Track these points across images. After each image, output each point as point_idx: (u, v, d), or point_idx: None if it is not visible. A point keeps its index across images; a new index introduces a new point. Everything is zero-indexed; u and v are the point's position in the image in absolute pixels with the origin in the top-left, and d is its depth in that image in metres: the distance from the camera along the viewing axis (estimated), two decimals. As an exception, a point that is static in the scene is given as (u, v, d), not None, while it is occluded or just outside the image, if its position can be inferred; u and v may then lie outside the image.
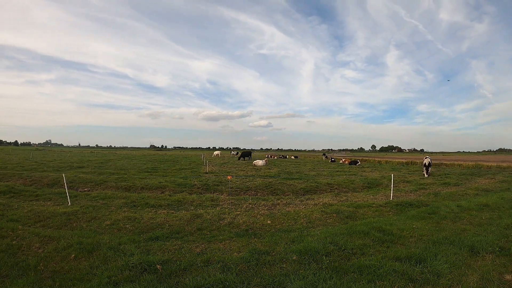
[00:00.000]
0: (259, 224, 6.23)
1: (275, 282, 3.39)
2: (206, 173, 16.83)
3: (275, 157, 47.73)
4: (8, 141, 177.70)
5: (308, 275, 3.53)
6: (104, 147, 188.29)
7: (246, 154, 31.70)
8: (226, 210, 7.48)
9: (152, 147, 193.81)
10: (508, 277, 3.45)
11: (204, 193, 10.42)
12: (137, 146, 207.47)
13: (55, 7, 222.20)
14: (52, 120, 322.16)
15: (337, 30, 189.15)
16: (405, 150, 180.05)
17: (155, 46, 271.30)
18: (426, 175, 16.80)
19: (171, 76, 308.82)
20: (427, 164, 17.39)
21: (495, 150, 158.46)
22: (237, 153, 53.61)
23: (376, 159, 41.24)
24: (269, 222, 6.40)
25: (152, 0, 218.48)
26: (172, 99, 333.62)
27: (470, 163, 28.04)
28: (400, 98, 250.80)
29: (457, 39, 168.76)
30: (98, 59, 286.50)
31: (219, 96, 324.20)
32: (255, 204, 8.39)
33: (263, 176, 15.22)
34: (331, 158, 38.44)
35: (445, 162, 30.47)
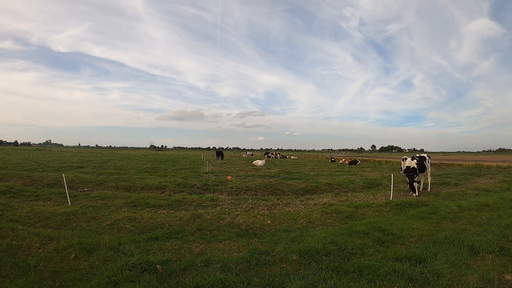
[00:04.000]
0: (259, 224, 6.23)
1: (275, 282, 3.39)
2: (206, 173, 16.83)
3: (278, 155, 47.77)
4: (8, 141, 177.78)
5: (308, 275, 3.53)
6: (104, 147, 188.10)
7: (219, 153, 35.79)
8: (226, 210, 7.48)
9: (152, 147, 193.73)
10: (508, 277, 3.45)
11: (204, 193, 10.42)
12: (137, 146, 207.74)
13: (169, 22, 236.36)
14: (94, 121, 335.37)
15: (387, 63, 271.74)
16: (405, 150, 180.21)
17: (242, 61, 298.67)
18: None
19: (237, 87, 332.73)
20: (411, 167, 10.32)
21: (495, 150, 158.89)
22: (252, 154, 53.70)
23: (376, 159, 41.23)
24: (269, 222, 6.40)
25: (262, 26, 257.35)
26: (226, 104, 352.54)
27: (470, 163, 27.94)
28: (418, 108, 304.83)
29: (468, 70, 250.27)
30: (181, 74, 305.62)
31: (267, 104, 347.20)
32: (255, 204, 8.39)
33: (263, 176, 15.22)
34: (331, 158, 38.47)
35: (445, 162, 30.45)
